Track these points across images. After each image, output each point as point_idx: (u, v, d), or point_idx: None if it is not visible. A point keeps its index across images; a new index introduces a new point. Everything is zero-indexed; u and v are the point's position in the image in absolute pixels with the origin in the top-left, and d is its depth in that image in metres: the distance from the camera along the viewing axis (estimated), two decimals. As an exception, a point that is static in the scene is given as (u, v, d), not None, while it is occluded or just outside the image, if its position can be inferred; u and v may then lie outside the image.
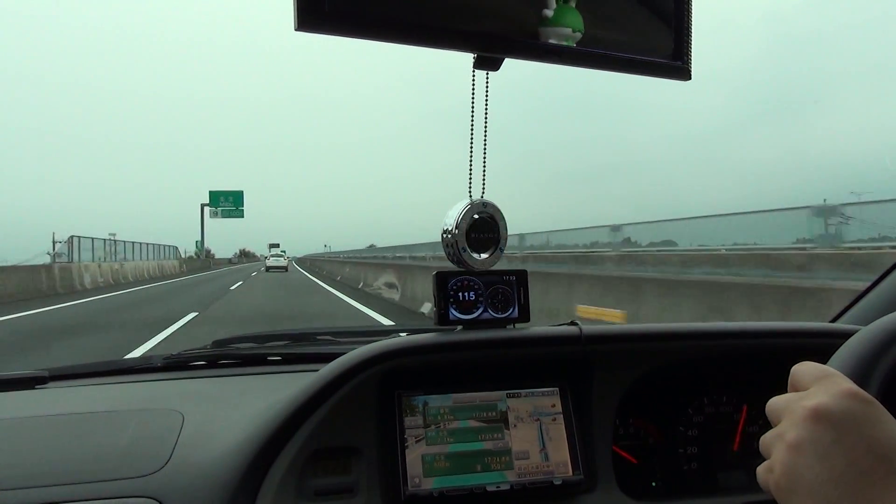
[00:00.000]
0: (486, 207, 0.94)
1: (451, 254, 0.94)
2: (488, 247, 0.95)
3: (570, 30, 0.71)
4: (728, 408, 1.09)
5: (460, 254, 0.93)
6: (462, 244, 0.93)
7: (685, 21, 0.77)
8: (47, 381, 1.30)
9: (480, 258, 0.94)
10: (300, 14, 0.56)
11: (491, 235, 0.95)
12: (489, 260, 0.95)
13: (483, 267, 0.95)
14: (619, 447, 1.02)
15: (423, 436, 0.90)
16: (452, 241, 0.93)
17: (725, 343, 1.05)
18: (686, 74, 0.77)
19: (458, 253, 0.93)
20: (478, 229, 0.94)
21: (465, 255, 0.93)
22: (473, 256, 0.94)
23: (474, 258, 0.94)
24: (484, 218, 0.94)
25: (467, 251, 0.93)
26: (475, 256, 0.94)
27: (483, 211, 0.94)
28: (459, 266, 0.95)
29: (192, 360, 1.44)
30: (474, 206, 0.93)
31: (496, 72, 0.77)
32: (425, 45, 0.63)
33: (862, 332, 0.59)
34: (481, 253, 0.94)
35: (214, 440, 0.91)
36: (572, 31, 0.71)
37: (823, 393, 0.45)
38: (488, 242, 0.95)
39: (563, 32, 0.71)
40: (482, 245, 0.94)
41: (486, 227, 0.94)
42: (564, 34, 0.71)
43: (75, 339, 8.46)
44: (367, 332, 1.86)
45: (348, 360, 0.90)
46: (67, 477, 0.85)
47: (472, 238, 0.93)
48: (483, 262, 0.95)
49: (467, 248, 0.93)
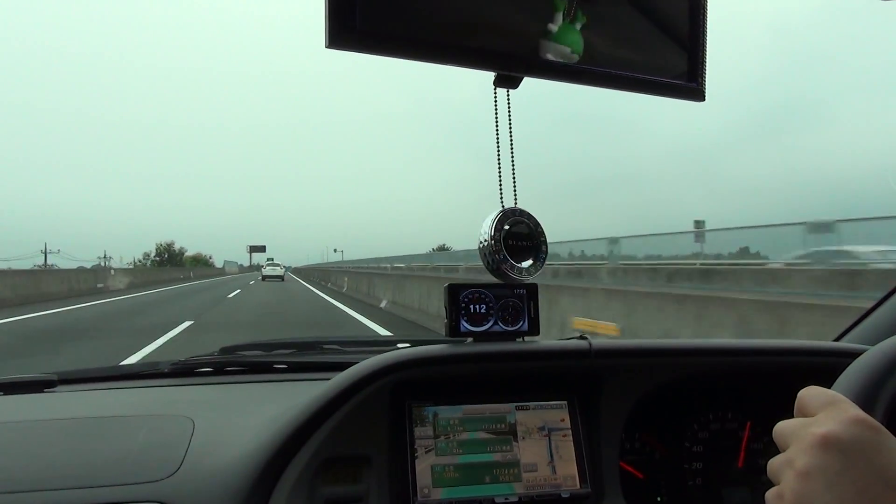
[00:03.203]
0: (521, 215, 0.92)
1: (491, 265, 0.92)
2: (528, 254, 0.93)
3: (585, 50, 0.73)
4: (733, 424, 1.09)
5: (499, 263, 0.91)
6: (503, 255, 0.91)
7: (700, 43, 0.79)
8: (56, 384, 1.30)
9: (523, 267, 0.92)
10: (331, 32, 0.57)
11: (531, 244, 0.93)
12: (532, 269, 0.93)
13: (525, 277, 0.93)
14: (626, 462, 1.03)
15: (432, 446, 0.90)
16: (493, 252, 0.91)
17: (731, 360, 1.06)
18: (700, 95, 0.78)
19: (498, 264, 0.91)
20: (517, 237, 0.92)
21: (504, 266, 0.91)
22: (515, 265, 0.92)
23: (517, 267, 0.92)
24: (521, 226, 0.92)
25: (508, 261, 0.91)
26: (517, 265, 0.92)
27: (518, 218, 0.92)
28: (501, 278, 0.93)
29: (199, 367, 1.45)
30: (507, 213, 0.92)
31: (514, 89, 0.78)
32: (449, 64, 0.64)
33: (867, 355, 0.59)
34: (523, 262, 0.92)
35: (226, 447, 0.92)
36: (588, 52, 0.73)
37: (831, 420, 0.45)
38: (528, 250, 0.93)
39: (569, 57, 0.72)
40: (523, 253, 0.92)
41: (524, 235, 0.93)
42: (580, 55, 0.73)
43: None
44: (373, 342, 1.86)
45: (361, 370, 0.91)
46: (79, 481, 0.85)
47: (510, 245, 0.91)
48: (526, 271, 0.93)
49: (508, 258, 0.91)
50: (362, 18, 0.58)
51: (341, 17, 0.58)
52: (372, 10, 0.59)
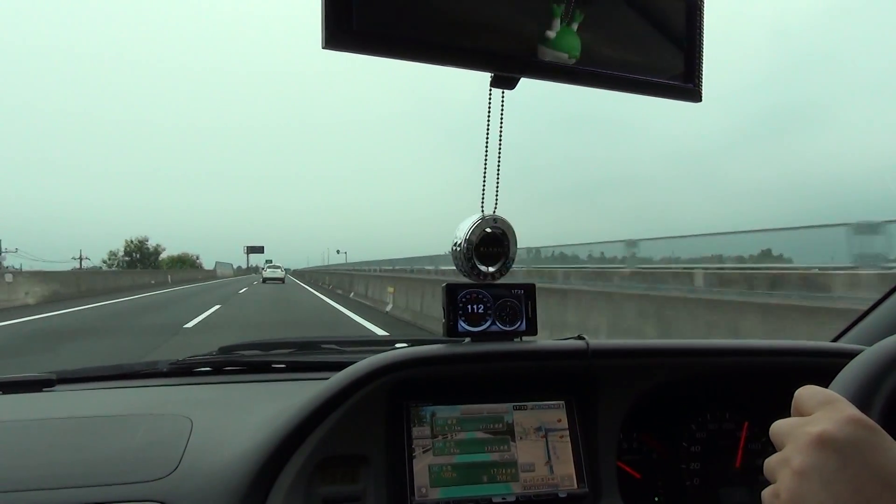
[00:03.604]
0: (497, 223, 0.95)
1: (461, 265, 0.95)
2: (497, 260, 0.96)
3: (582, 51, 0.73)
4: (731, 425, 1.09)
5: (472, 267, 0.94)
6: (471, 256, 0.94)
7: (696, 44, 0.79)
8: (54, 383, 1.30)
9: (489, 271, 0.96)
10: (328, 33, 0.57)
11: (500, 250, 0.96)
12: (497, 273, 0.96)
13: (491, 280, 0.96)
14: (623, 461, 1.03)
15: (430, 446, 0.90)
16: (462, 254, 0.94)
17: (729, 360, 1.06)
18: (697, 96, 0.79)
19: (470, 265, 0.94)
20: (488, 243, 0.95)
21: (475, 268, 0.94)
22: (482, 269, 0.95)
23: (483, 270, 0.95)
24: (495, 233, 0.95)
25: (475, 263, 0.94)
26: (483, 269, 0.95)
27: (494, 226, 0.95)
28: (469, 278, 0.96)
29: (198, 366, 1.45)
30: (485, 221, 0.94)
31: (510, 90, 0.78)
32: (446, 65, 0.65)
33: (864, 355, 0.59)
34: (489, 266, 0.96)
35: (223, 446, 0.92)
36: (584, 53, 0.73)
37: (827, 419, 0.45)
38: (497, 256, 0.96)
39: (575, 54, 0.73)
40: (492, 259, 0.96)
41: (496, 241, 0.95)
42: (577, 55, 0.73)
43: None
44: (371, 342, 1.87)
45: (358, 370, 0.91)
46: (77, 480, 0.85)
47: (481, 252, 0.95)
48: (492, 274, 0.96)
49: (476, 261, 0.94)
50: (359, 19, 0.58)
51: (338, 18, 0.58)
52: (368, 11, 0.59)
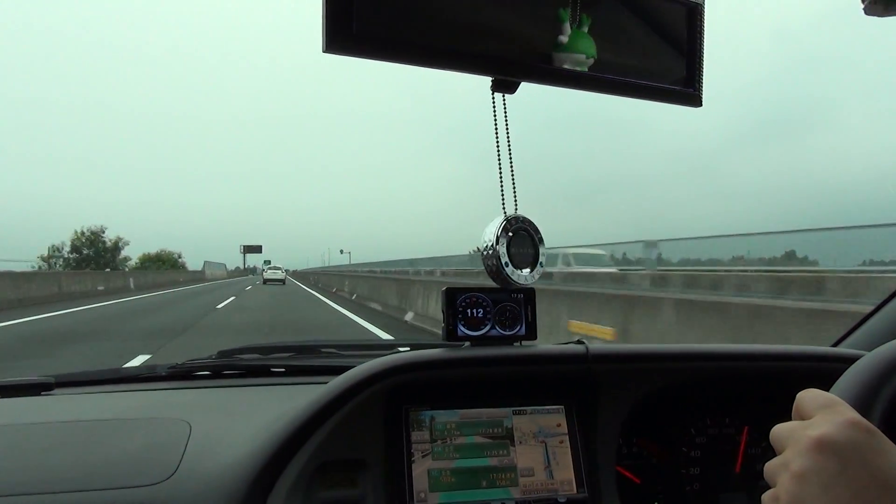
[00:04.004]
0: (522, 221, 0.94)
1: (492, 270, 0.94)
2: (529, 262, 0.95)
3: (583, 56, 0.73)
4: (731, 429, 1.09)
5: (503, 269, 0.93)
6: (505, 260, 0.93)
7: (697, 49, 0.79)
8: (53, 387, 1.30)
9: (523, 274, 0.95)
10: (328, 36, 0.57)
11: (531, 251, 0.95)
12: (531, 275, 0.95)
13: (525, 283, 0.95)
14: (623, 466, 1.03)
15: (429, 450, 0.90)
16: (494, 257, 0.93)
17: (729, 365, 1.06)
18: (697, 101, 0.79)
19: (499, 269, 0.93)
20: (518, 245, 0.94)
21: (507, 271, 0.93)
22: (516, 272, 0.94)
23: (518, 274, 0.94)
24: (521, 234, 0.94)
25: (510, 266, 0.93)
26: (521, 274, 0.94)
27: (519, 225, 0.94)
28: (501, 283, 0.95)
29: (196, 370, 1.45)
30: (510, 221, 0.94)
31: (511, 94, 0.78)
32: (446, 69, 0.65)
33: (865, 359, 0.59)
34: (523, 269, 0.95)
35: (222, 450, 0.92)
36: (586, 57, 0.73)
37: (827, 423, 0.45)
38: (529, 258, 0.95)
39: (577, 58, 0.73)
40: (524, 261, 0.95)
41: (524, 242, 0.95)
42: (578, 60, 0.73)
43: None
44: (371, 346, 1.86)
45: (357, 374, 0.91)
46: (76, 484, 0.85)
47: (512, 254, 0.94)
48: (525, 277, 0.95)
49: (510, 264, 0.93)
50: (359, 23, 0.58)
51: (338, 22, 0.58)
52: (369, 15, 0.59)
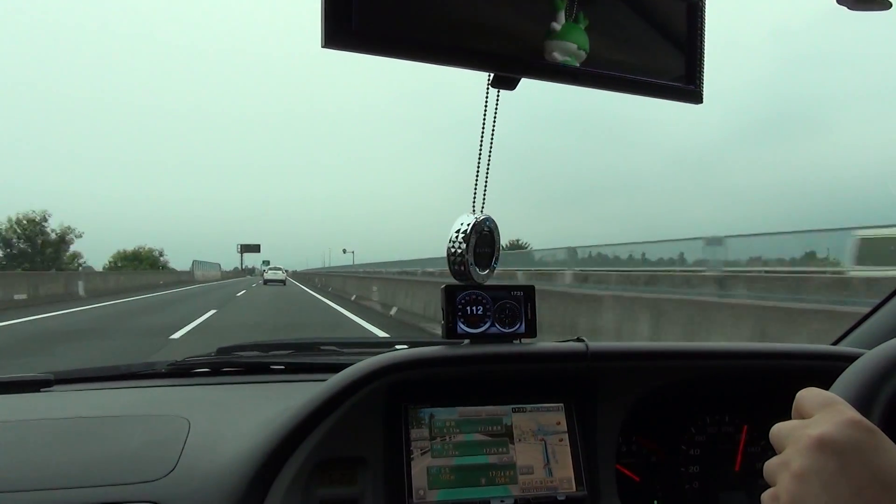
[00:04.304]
0: (488, 222, 0.95)
1: (456, 267, 0.95)
2: (487, 261, 0.96)
3: (583, 52, 0.72)
4: (730, 428, 1.09)
5: (468, 268, 0.94)
6: (470, 259, 0.94)
7: (698, 45, 0.79)
8: (52, 384, 1.30)
9: (482, 273, 0.96)
10: (327, 32, 0.57)
11: (489, 250, 0.96)
12: (488, 274, 0.96)
13: (482, 281, 0.96)
14: (622, 465, 1.02)
15: (428, 448, 0.90)
16: (461, 256, 0.93)
17: (729, 363, 1.06)
18: (698, 98, 0.78)
19: (465, 267, 0.94)
20: (481, 244, 0.95)
21: (470, 270, 0.94)
22: (478, 271, 0.95)
23: (478, 272, 0.95)
24: (484, 233, 0.95)
25: (473, 266, 0.94)
26: (478, 272, 0.95)
27: (485, 227, 0.95)
28: (464, 280, 0.95)
29: (196, 367, 1.45)
30: (479, 222, 0.94)
31: (510, 91, 0.78)
32: (446, 64, 0.64)
33: (864, 358, 0.59)
34: (481, 268, 0.96)
35: (221, 447, 0.92)
36: (586, 54, 0.73)
37: (827, 421, 0.45)
38: (488, 257, 0.96)
39: (577, 54, 0.72)
40: (483, 259, 0.96)
41: (486, 242, 0.95)
42: (578, 56, 0.72)
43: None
44: (371, 344, 1.86)
45: (357, 371, 0.91)
46: (74, 480, 0.85)
47: (477, 253, 0.94)
48: (483, 276, 0.96)
49: (473, 263, 0.94)
50: (358, 18, 0.58)
51: (337, 18, 0.57)
52: (368, 11, 0.59)
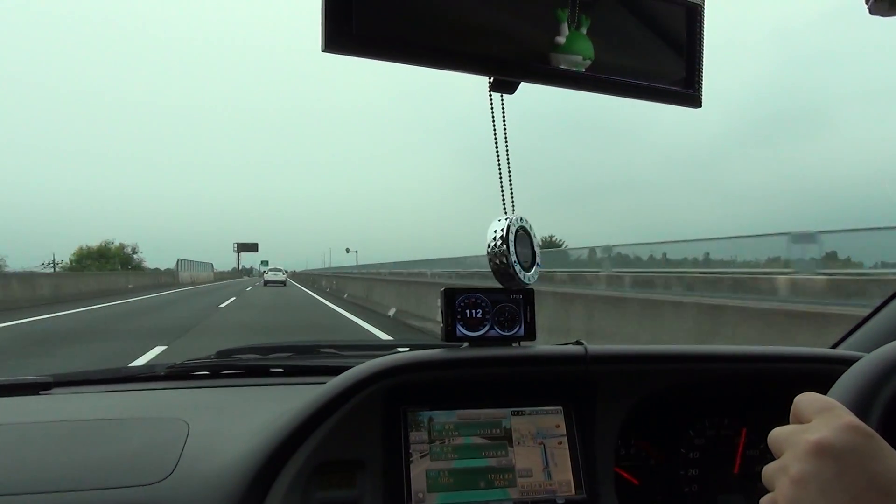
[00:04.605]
0: (523, 223, 0.96)
1: (500, 270, 0.94)
2: (530, 262, 0.97)
3: (582, 56, 0.73)
4: (729, 431, 1.09)
5: (510, 270, 0.94)
6: (514, 261, 0.94)
7: (696, 49, 0.79)
8: (51, 387, 1.30)
9: (528, 274, 0.96)
10: (328, 36, 0.57)
11: (529, 251, 0.97)
12: (534, 275, 0.97)
13: (528, 282, 0.96)
14: (621, 468, 1.03)
15: (427, 451, 0.90)
16: (503, 259, 0.93)
17: (728, 366, 1.06)
18: (697, 102, 0.79)
19: (508, 270, 0.94)
20: (521, 245, 0.96)
21: (515, 272, 0.94)
22: (522, 272, 0.95)
23: (525, 274, 0.95)
24: (521, 235, 0.96)
25: (518, 267, 0.94)
26: (525, 274, 0.95)
27: (521, 228, 0.96)
28: (508, 283, 0.96)
29: (195, 370, 1.45)
30: (514, 223, 0.95)
31: (510, 94, 0.78)
32: (445, 68, 0.65)
33: (862, 362, 0.59)
34: (528, 270, 0.96)
35: (220, 450, 0.92)
36: (585, 58, 0.73)
37: (825, 426, 0.45)
38: (530, 257, 0.97)
39: (575, 59, 0.73)
40: (525, 261, 0.96)
41: (524, 243, 0.96)
42: (577, 60, 0.73)
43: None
44: (371, 347, 1.86)
45: (355, 374, 0.91)
46: (73, 484, 0.85)
47: (519, 253, 0.95)
48: (529, 277, 0.96)
49: (518, 263, 0.94)
50: (358, 22, 0.58)
51: (337, 22, 0.58)
52: (368, 15, 0.59)
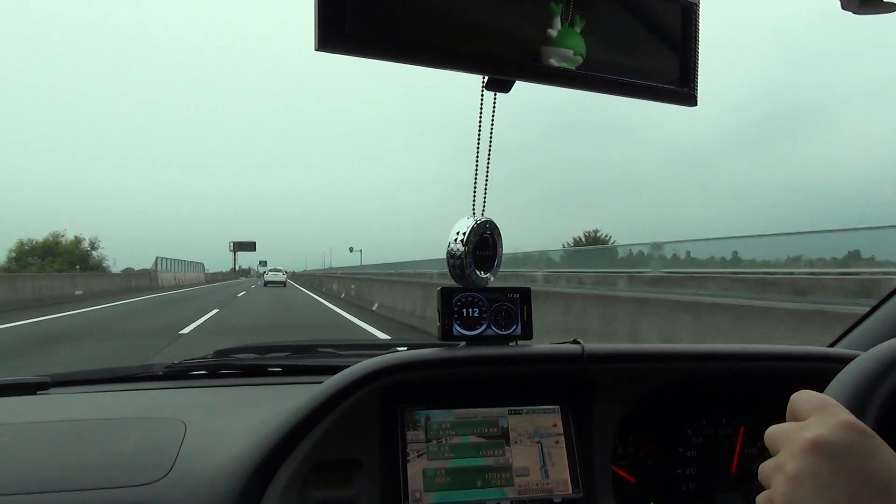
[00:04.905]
0: (489, 226, 0.96)
1: (455, 270, 0.95)
2: (488, 264, 0.97)
3: (577, 54, 0.73)
4: (727, 430, 1.09)
5: (465, 270, 0.94)
6: (469, 261, 0.94)
7: (692, 48, 0.79)
8: (49, 386, 1.30)
9: (482, 276, 0.96)
10: (320, 35, 0.57)
11: (490, 253, 0.97)
12: (488, 278, 0.97)
13: (483, 284, 0.96)
14: (619, 466, 1.02)
15: (424, 450, 0.90)
16: (460, 258, 0.94)
17: (726, 365, 1.06)
18: (692, 101, 0.79)
19: (463, 270, 0.94)
20: (481, 247, 0.95)
21: (469, 272, 0.95)
22: (479, 275, 0.96)
23: (477, 275, 0.96)
24: (485, 236, 0.96)
25: (472, 268, 0.95)
26: (479, 275, 0.96)
27: (486, 229, 0.95)
28: (462, 283, 0.96)
29: (193, 370, 1.45)
30: (480, 225, 0.95)
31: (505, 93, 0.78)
32: (440, 67, 0.64)
33: (859, 360, 0.59)
34: (482, 271, 0.96)
35: (217, 450, 0.92)
36: (579, 56, 0.73)
37: (821, 424, 0.45)
38: (488, 260, 0.97)
39: (570, 57, 0.72)
40: (483, 262, 0.96)
41: (486, 245, 0.96)
42: (572, 58, 0.73)
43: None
44: (368, 346, 1.86)
45: (352, 374, 0.91)
46: (70, 484, 0.85)
47: (477, 256, 0.95)
48: (483, 279, 0.96)
49: (473, 266, 0.94)
50: (351, 22, 0.58)
51: (330, 21, 0.57)
52: (361, 14, 0.59)
